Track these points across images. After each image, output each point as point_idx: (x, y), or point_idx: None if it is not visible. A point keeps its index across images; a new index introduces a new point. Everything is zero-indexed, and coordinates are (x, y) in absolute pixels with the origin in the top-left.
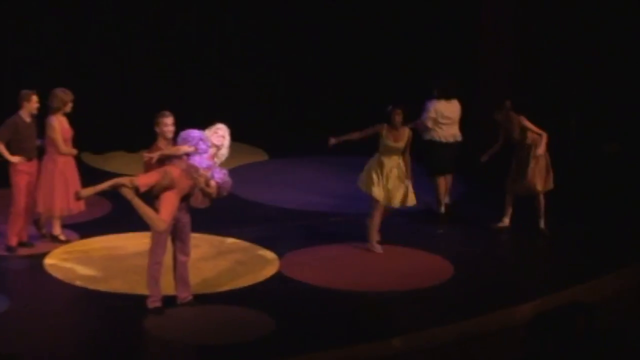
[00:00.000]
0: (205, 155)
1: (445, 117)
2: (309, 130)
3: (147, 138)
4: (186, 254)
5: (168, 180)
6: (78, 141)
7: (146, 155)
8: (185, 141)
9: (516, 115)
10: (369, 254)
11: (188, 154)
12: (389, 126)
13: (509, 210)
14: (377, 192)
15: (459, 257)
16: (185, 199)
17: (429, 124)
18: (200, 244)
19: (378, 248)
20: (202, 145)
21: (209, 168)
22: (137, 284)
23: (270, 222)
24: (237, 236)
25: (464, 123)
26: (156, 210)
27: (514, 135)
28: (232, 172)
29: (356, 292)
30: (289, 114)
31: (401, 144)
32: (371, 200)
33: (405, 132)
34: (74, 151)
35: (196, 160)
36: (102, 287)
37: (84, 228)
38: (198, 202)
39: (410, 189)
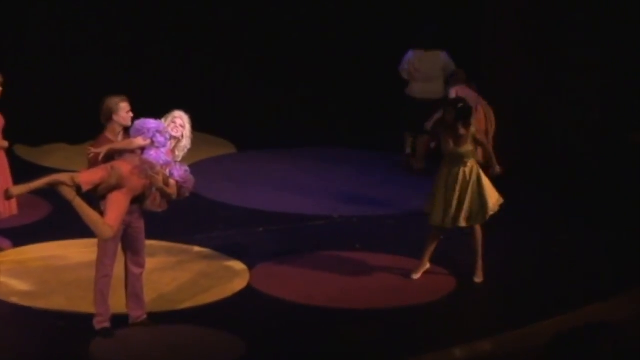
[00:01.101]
0: (163, 150)
1: (417, 70)
2: (283, 119)
3: (92, 128)
4: (140, 265)
5: (115, 178)
6: (10, 132)
7: (92, 150)
8: (140, 132)
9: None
10: (355, 264)
11: (143, 148)
12: (446, 127)
13: None
14: (434, 213)
15: (462, 267)
16: (138, 200)
17: (405, 75)
18: (157, 252)
19: (416, 274)
20: (159, 138)
21: (167, 164)
22: (81, 301)
23: (239, 226)
24: (200, 243)
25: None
26: (102, 213)
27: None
28: (194, 168)
29: (340, 309)
30: (260, 100)
31: (466, 148)
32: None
33: (469, 136)
34: (5, 144)
35: (152, 155)
36: (40, 304)
37: (18, 234)
38: (155, 204)
39: (487, 201)
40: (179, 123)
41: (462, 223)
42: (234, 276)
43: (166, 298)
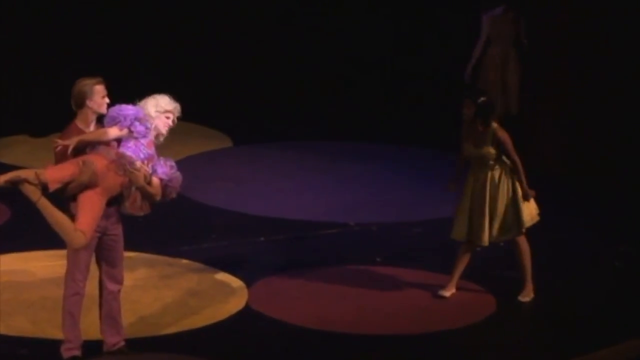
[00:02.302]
0: (143, 141)
1: None
2: (288, 107)
3: (59, 117)
4: (117, 280)
5: (88, 175)
6: None
7: (59, 142)
8: (115, 121)
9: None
10: (375, 280)
11: (119, 140)
12: (466, 124)
13: None
14: (456, 225)
15: (504, 283)
16: (115, 202)
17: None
18: (137, 266)
19: (444, 292)
20: (138, 127)
21: (149, 159)
22: (47, 324)
23: (235, 235)
24: (188, 256)
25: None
26: (73, 217)
27: None
28: (183, 164)
29: (357, 335)
30: (261, 87)
31: (487, 150)
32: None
33: (489, 134)
34: None
35: (131, 147)
36: (2, 330)
37: None
38: (136, 207)
39: (524, 209)
40: (172, 119)
41: (500, 237)
42: (230, 295)
43: (148, 321)
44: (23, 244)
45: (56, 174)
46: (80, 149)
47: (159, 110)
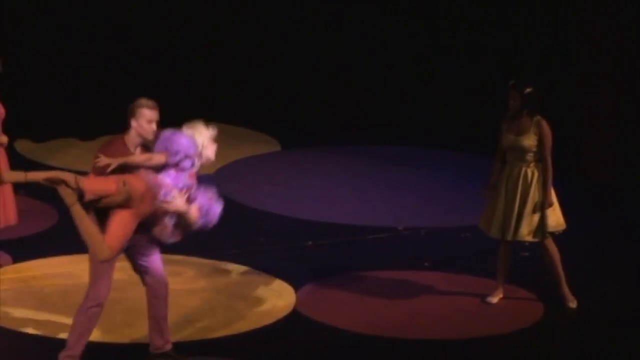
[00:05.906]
0: (185, 172)
1: None
2: (337, 111)
3: (109, 120)
4: (160, 282)
5: (124, 197)
6: (10, 125)
7: (102, 159)
8: (166, 149)
9: None
10: (423, 285)
11: (164, 167)
12: (510, 116)
13: None
14: (483, 217)
15: (553, 291)
16: (145, 225)
17: None
18: (185, 270)
19: (491, 298)
20: (186, 163)
21: (187, 189)
22: (96, 328)
23: (283, 239)
24: (236, 260)
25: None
26: (103, 229)
27: None
28: (231, 169)
29: (406, 340)
30: (310, 90)
31: (528, 142)
32: None
33: (532, 124)
34: (4, 139)
35: (171, 175)
36: (46, 332)
37: (19, 247)
38: (166, 234)
39: (550, 215)
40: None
41: (526, 237)
42: (277, 299)
43: (195, 325)
44: (71, 246)
45: (95, 186)
46: (121, 167)
47: (212, 138)
